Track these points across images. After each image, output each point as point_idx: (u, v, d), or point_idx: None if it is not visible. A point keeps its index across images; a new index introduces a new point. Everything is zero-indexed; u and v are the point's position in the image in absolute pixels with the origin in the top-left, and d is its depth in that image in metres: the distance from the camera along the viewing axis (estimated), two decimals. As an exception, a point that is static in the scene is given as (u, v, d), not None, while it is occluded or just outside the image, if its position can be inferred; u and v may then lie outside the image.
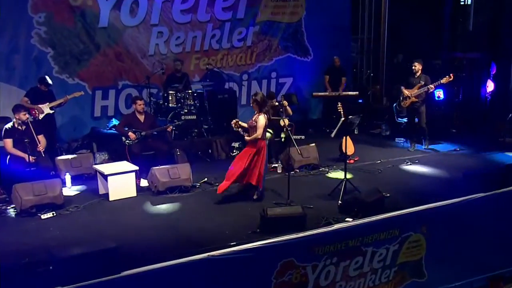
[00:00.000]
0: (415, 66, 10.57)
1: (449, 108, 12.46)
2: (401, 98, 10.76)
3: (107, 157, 10.07)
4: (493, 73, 11.71)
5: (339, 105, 10.15)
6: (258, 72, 13.34)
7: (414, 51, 13.38)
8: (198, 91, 11.07)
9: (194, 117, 10.38)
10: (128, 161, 8.84)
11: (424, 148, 10.87)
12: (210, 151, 10.45)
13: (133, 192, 8.29)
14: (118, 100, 11.72)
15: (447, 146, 11.13)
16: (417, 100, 10.55)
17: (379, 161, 10.03)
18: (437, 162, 10.05)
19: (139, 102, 9.24)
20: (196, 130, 10.34)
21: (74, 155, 9.36)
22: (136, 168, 8.36)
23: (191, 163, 9.57)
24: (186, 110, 10.45)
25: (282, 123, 9.89)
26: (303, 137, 11.02)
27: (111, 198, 8.13)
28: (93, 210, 7.83)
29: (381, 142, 11.75)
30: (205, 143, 10.51)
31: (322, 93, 12.39)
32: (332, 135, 8.23)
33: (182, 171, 8.47)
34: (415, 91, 10.54)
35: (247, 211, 7.66)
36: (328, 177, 9.13)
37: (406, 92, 10.62)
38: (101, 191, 8.42)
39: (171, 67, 11.88)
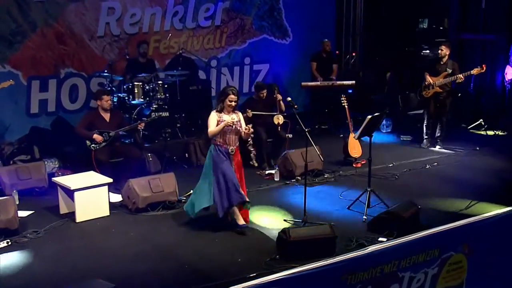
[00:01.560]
0: (441, 50, 10.44)
1: (459, 99, 12.44)
2: (423, 86, 10.60)
3: (57, 165, 9.42)
4: (514, 57, 11.78)
5: (344, 98, 9.96)
6: (229, 57, 12.98)
7: (414, 32, 13.38)
8: (166, 81, 10.54)
9: (167, 113, 9.86)
10: (95, 170, 8.25)
11: (438, 147, 10.77)
12: (187, 155, 9.99)
13: (105, 211, 7.74)
14: (61, 93, 11.05)
15: (463, 144, 11.08)
16: (441, 91, 10.44)
17: (391, 165, 9.86)
18: (460, 164, 10.01)
19: (105, 97, 8.67)
20: (169, 130, 9.83)
21: (25, 164, 8.68)
22: (109, 180, 7.80)
23: (165, 171, 9.14)
24: (156, 106, 9.92)
25: (276, 120, 9.62)
26: (290, 135, 10.70)
27: (78, 219, 7.55)
28: (58, 235, 7.22)
29: (384, 140, 11.60)
30: (180, 146, 10.06)
31: (313, 83, 12.11)
32: (356, 136, 7.94)
33: (166, 183, 7.98)
34: (440, 80, 10.40)
35: (254, 232, 7.27)
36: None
37: (430, 79, 10.47)
38: (63, 210, 7.83)
39: (124, 51, 11.32)
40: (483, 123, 11.76)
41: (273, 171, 9.32)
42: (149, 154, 9.21)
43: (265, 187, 8.89)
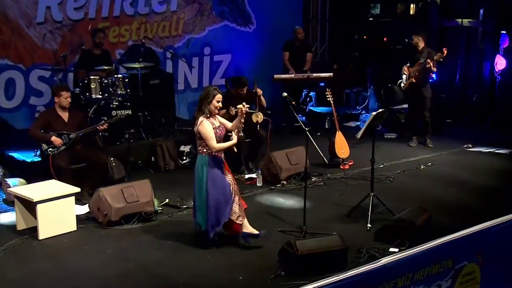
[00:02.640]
0: (412, 40, 10.80)
1: (444, 93, 12.63)
2: (402, 79, 10.89)
3: (1, 173, 9.04)
4: (505, 46, 11.97)
5: (329, 92, 9.94)
6: (187, 46, 12.80)
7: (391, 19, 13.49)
8: (123, 75, 10.26)
9: (129, 111, 9.60)
10: (54, 178, 7.96)
11: (428, 145, 10.94)
12: (153, 158, 9.79)
13: (72, 226, 7.46)
14: (-6, 88, 10.72)
15: (453, 141, 11.32)
16: (415, 81, 10.67)
17: (381, 166, 9.90)
18: (456, 163, 10.19)
19: (64, 94, 8.36)
20: (132, 130, 9.57)
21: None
22: (76, 189, 7.52)
23: (130, 177, 9.01)
24: (116, 103, 9.65)
25: (255, 118, 9.52)
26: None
27: (41, 236, 7.23)
28: (21, 256, 6.88)
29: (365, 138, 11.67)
30: (145, 148, 9.86)
31: (286, 76, 12.04)
32: (358, 135, 7.91)
33: (141, 192, 7.76)
34: (414, 69, 10.68)
35: (249, 245, 7.11)
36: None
37: (405, 70, 10.77)
38: (20, 225, 7.52)
39: (68, 40, 11.01)
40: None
41: (254, 175, 9.20)
42: (111, 159, 8.93)
43: (248, 193, 8.75)
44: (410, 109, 11.18)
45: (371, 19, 14.39)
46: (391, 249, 6.99)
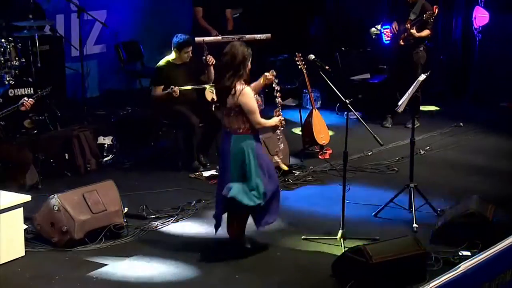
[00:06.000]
0: None
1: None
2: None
3: None
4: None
5: (299, 57, 10.32)
6: (49, 0, 12.65)
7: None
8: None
9: (31, 90, 9.51)
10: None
11: (407, 125, 11.70)
12: (67, 156, 9.74)
13: (20, 250, 7.38)
14: None
15: (438, 119, 12.27)
16: (403, 43, 11.43)
17: (370, 153, 10.49)
18: (457, 145, 11.24)
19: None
20: (40, 117, 9.51)
21: None
22: (26, 198, 7.41)
23: (42, 182, 9.13)
24: (11, 78, 9.51)
25: (209, 95, 9.75)
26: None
27: (-18, 267, 7.14)
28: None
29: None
30: (56, 142, 9.82)
31: (212, 38, 12.14)
32: (400, 109, 8.40)
33: (107, 198, 7.83)
34: (402, 28, 11.53)
35: (279, 259, 7.49)
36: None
37: (394, 28, 11.66)
38: None
39: None
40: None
41: (216, 172, 9.37)
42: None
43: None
44: (390, 79, 11.85)
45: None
46: (464, 253, 7.51)
